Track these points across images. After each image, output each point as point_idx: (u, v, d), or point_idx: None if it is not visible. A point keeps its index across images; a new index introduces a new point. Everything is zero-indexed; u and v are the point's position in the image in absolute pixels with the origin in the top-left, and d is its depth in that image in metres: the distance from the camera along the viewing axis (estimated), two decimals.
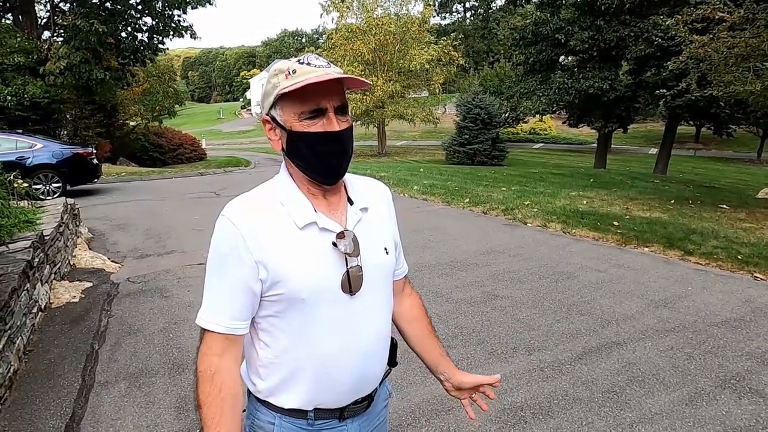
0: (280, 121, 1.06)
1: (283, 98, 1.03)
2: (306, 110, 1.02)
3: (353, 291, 1.07)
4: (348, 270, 1.06)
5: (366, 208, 1.16)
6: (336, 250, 1.06)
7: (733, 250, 5.72)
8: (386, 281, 1.18)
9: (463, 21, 60.75)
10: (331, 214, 1.09)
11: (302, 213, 1.06)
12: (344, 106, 1.06)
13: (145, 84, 27.69)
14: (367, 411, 1.18)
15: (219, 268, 1.05)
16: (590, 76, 17.65)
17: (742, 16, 8.17)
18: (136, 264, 5.62)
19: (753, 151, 31.88)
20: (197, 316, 1.08)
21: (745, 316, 3.99)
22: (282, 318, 1.05)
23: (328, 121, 1.03)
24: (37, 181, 9.97)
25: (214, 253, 1.06)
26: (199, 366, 1.05)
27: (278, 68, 1.04)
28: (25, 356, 3.41)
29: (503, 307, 4.23)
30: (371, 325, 1.12)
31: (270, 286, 1.03)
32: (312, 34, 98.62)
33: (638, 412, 2.72)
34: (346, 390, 1.11)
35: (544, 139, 38.87)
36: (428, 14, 27.10)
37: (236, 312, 1.04)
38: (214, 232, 1.06)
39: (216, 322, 1.04)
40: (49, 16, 17.61)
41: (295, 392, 1.08)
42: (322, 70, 1.01)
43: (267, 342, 1.08)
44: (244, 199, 1.08)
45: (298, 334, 1.05)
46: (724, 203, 9.50)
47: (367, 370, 1.13)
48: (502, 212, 8.02)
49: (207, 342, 1.05)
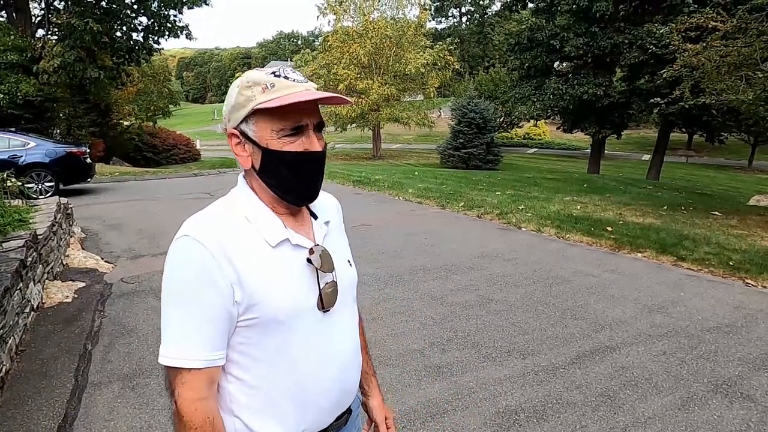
0: (253, 137, 0.97)
1: (259, 113, 0.95)
2: (286, 128, 0.95)
3: (327, 307, 1.02)
4: (321, 287, 1.01)
5: (328, 222, 1.12)
6: (310, 266, 1.01)
7: (725, 256, 5.77)
8: (353, 293, 1.16)
9: (459, 25, 60.94)
10: (299, 230, 1.04)
11: (273, 230, 0.98)
12: (321, 123, 1.01)
13: (139, 84, 27.61)
14: (347, 424, 1.16)
15: (187, 295, 0.91)
16: (584, 83, 17.78)
17: (735, 26, 8.29)
18: (129, 264, 5.59)
19: (744, 158, 32.20)
20: (161, 355, 0.92)
21: (737, 322, 4.03)
22: (256, 344, 0.96)
23: (308, 140, 0.97)
24: (30, 180, 9.87)
25: (178, 280, 0.92)
26: (190, 417, 0.91)
27: (252, 80, 0.96)
28: (17, 356, 3.38)
29: (498, 310, 4.25)
30: (345, 338, 1.09)
31: (245, 309, 0.93)
32: (308, 36, 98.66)
33: (631, 416, 2.74)
34: (330, 409, 1.07)
35: (538, 144, 39.03)
36: (424, 18, 27.17)
37: (214, 342, 0.93)
38: (173, 255, 0.94)
39: (193, 357, 0.91)
40: (44, 14, 17.50)
41: (276, 424, 0.99)
42: (302, 86, 0.95)
43: (238, 375, 0.98)
44: (206, 216, 0.98)
45: (276, 359, 0.97)
46: (716, 210, 9.59)
47: (346, 384, 1.10)
48: (496, 216, 8.05)
49: (191, 385, 0.91)
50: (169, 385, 0.93)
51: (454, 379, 3.13)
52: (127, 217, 8.16)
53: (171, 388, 0.93)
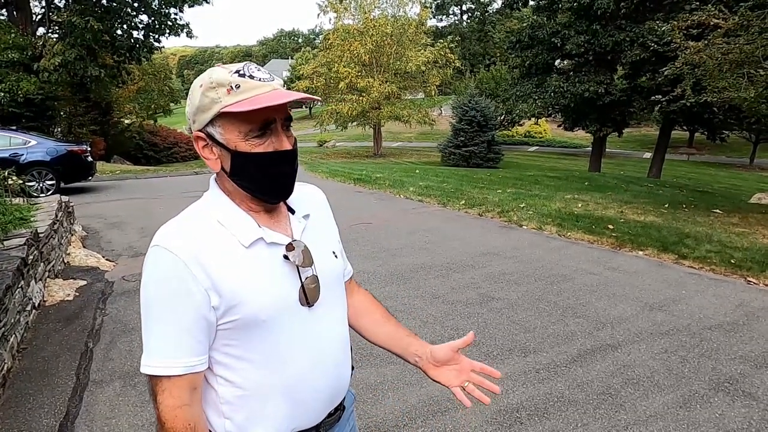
0: (220, 140, 0.95)
1: (225, 116, 0.92)
2: (254, 128, 0.93)
3: (311, 303, 1.01)
4: (303, 282, 1.00)
5: (308, 215, 1.10)
6: (288, 263, 0.99)
7: (727, 254, 5.76)
8: (339, 286, 1.14)
9: (460, 23, 60.87)
10: (276, 227, 1.02)
11: (246, 230, 0.97)
12: (289, 117, 0.98)
13: (140, 82, 27.60)
14: (339, 422, 1.15)
15: (163, 305, 0.92)
16: (586, 80, 17.74)
17: (737, 23, 8.26)
18: (131, 262, 5.59)
19: (746, 156, 32.16)
20: (142, 365, 0.93)
21: (739, 320, 4.02)
22: (242, 346, 0.96)
23: (277, 139, 0.95)
24: (31, 178, 9.89)
25: (154, 289, 0.92)
26: (171, 424, 0.91)
27: (216, 80, 0.92)
28: (18, 354, 3.39)
29: (499, 309, 4.24)
30: (334, 333, 1.08)
31: (224, 312, 0.93)
32: (308, 34, 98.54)
33: (633, 415, 2.74)
34: (321, 406, 1.06)
35: (539, 142, 38.99)
36: (425, 16, 27.12)
37: (193, 348, 0.93)
38: (146, 265, 0.94)
39: (172, 365, 0.91)
40: (44, 12, 17.51)
41: (267, 424, 0.99)
42: (269, 85, 0.92)
43: (226, 376, 0.98)
44: (177, 223, 0.98)
45: (263, 360, 0.97)
46: (718, 208, 9.58)
47: (338, 379, 1.09)
48: (497, 214, 8.04)
49: (171, 392, 0.92)
50: (152, 393, 0.94)
51: None
52: (128, 216, 8.17)
53: (153, 396, 0.94)
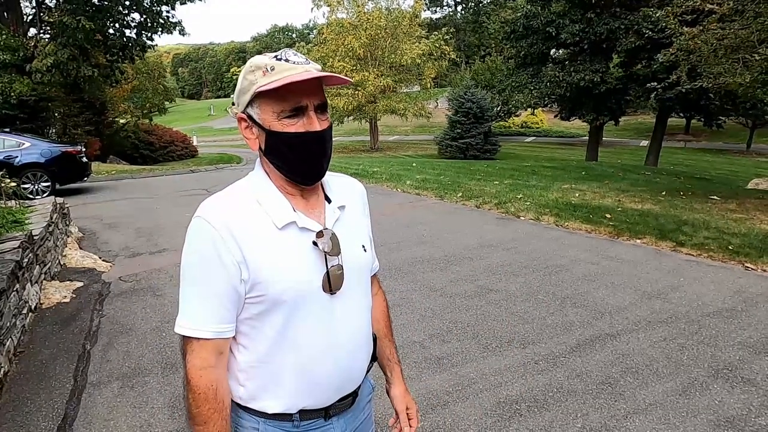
0: (257, 120, 1.02)
1: (260, 96, 0.99)
2: (286, 109, 0.98)
3: (334, 290, 1.05)
4: (329, 269, 1.04)
5: (343, 206, 1.14)
6: (316, 249, 1.03)
7: (724, 240, 5.76)
8: (365, 278, 1.17)
9: (454, 14, 60.61)
10: (310, 213, 1.07)
11: (281, 212, 1.03)
12: (324, 104, 1.02)
13: (134, 81, 27.48)
14: (352, 407, 1.17)
15: (198, 272, 1.00)
16: (581, 69, 17.69)
17: (732, 8, 8.22)
18: (127, 263, 5.57)
19: (742, 142, 32.14)
20: (177, 325, 1.02)
21: (737, 306, 4.02)
22: (263, 320, 1.02)
23: (308, 121, 1.00)
24: (26, 180, 9.84)
25: (191, 256, 1.00)
26: (196, 382, 0.99)
27: (255, 64, 1.00)
28: (15, 358, 3.37)
29: (497, 300, 4.24)
30: (353, 322, 1.11)
31: (251, 287, 1.00)
32: (302, 29, 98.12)
33: (632, 403, 2.74)
34: (331, 389, 1.09)
35: (535, 132, 38.92)
36: (419, 8, 26.99)
37: (222, 315, 1.00)
38: (189, 234, 1.01)
39: (202, 328, 0.99)
40: (35, 12, 17.37)
41: (278, 396, 1.05)
42: (302, 67, 0.98)
43: (246, 345, 1.05)
44: (219, 199, 1.04)
45: (280, 337, 1.02)
46: (715, 194, 9.58)
47: (350, 367, 1.11)
48: (495, 206, 8.02)
49: (198, 353, 1.00)
50: (182, 351, 1.03)
51: (455, 370, 3.12)
52: (124, 216, 8.14)
53: (183, 355, 1.02)
